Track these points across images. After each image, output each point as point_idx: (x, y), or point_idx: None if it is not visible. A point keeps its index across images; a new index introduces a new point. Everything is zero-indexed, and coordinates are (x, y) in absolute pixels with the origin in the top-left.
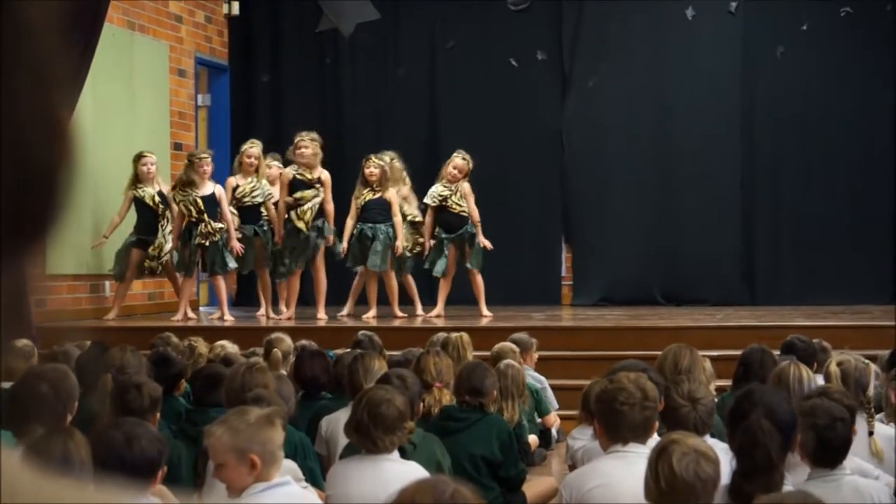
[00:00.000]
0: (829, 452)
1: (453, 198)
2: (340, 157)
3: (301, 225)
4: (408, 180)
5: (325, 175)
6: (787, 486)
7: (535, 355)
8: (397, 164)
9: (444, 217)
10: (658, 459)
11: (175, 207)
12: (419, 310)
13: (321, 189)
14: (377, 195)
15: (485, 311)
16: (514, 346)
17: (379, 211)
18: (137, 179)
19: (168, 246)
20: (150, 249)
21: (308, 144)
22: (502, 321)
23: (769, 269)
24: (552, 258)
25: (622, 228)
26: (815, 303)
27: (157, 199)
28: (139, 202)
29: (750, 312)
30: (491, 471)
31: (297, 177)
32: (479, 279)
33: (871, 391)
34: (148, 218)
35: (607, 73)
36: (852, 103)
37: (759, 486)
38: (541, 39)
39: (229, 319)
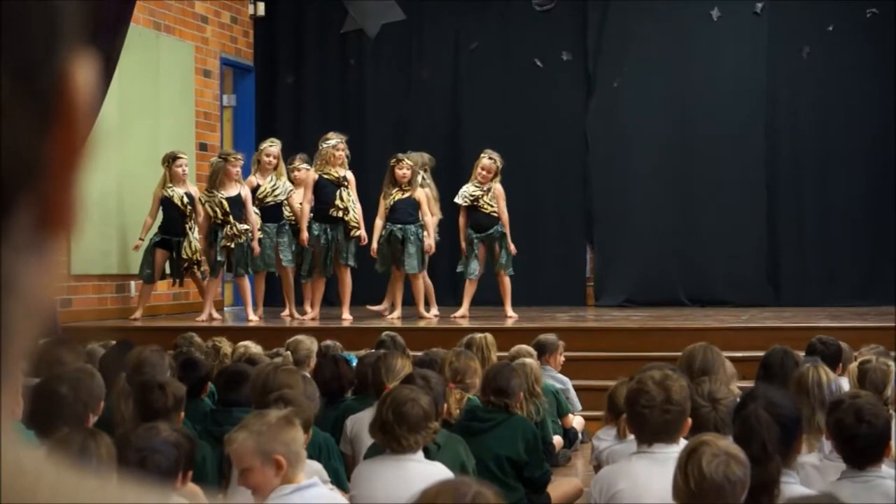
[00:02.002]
0: (855, 452)
1: (484, 198)
2: (363, 157)
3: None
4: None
5: (351, 175)
6: (792, 481)
7: (561, 357)
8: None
9: (476, 217)
10: (688, 460)
11: (201, 209)
12: (435, 310)
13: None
14: (406, 195)
15: (510, 311)
16: (531, 349)
17: (409, 211)
18: (169, 180)
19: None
20: (184, 252)
21: (344, 147)
22: (527, 322)
23: (794, 271)
24: (576, 259)
25: (646, 229)
26: (841, 304)
27: (185, 199)
28: (167, 202)
29: (775, 313)
30: (516, 472)
31: (325, 176)
32: (507, 280)
33: (889, 392)
34: (175, 218)
35: (631, 74)
36: (878, 104)
37: (755, 476)
38: (565, 40)
39: (253, 319)
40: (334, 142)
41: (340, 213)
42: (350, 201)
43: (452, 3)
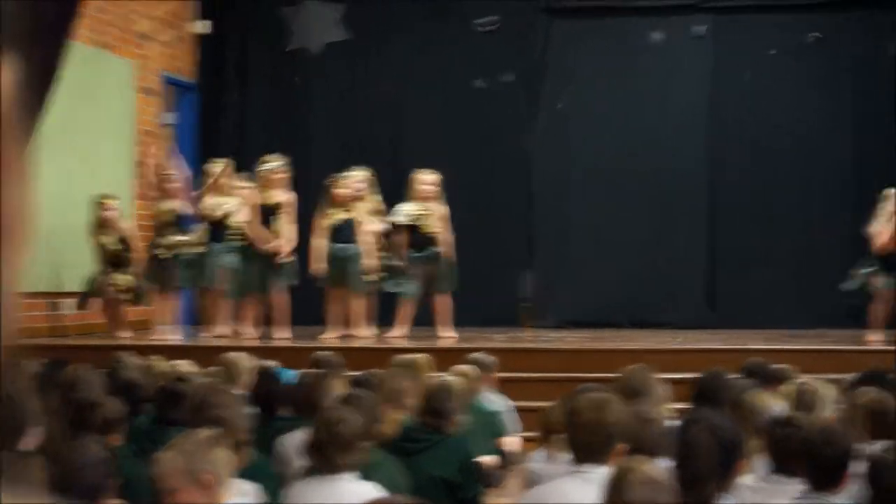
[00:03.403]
0: (818, 474)
1: (425, 218)
2: (308, 177)
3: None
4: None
5: (288, 197)
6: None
7: (497, 377)
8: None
9: (415, 237)
10: (614, 488)
11: (138, 245)
12: (372, 330)
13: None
14: (346, 215)
15: (448, 332)
16: (468, 369)
17: (350, 231)
18: (99, 224)
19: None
20: (119, 283)
21: (284, 170)
22: (465, 342)
23: (733, 293)
24: (516, 280)
25: (587, 251)
26: (778, 326)
27: (118, 245)
28: (102, 248)
29: (712, 335)
30: (449, 492)
31: (261, 203)
32: (447, 301)
33: (823, 414)
34: (112, 261)
35: (576, 96)
36: (818, 128)
37: (693, 497)
38: (509, 61)
39: (177, 338)
40: (271, 166)
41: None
42: (281, 228)
43: (397, 22)
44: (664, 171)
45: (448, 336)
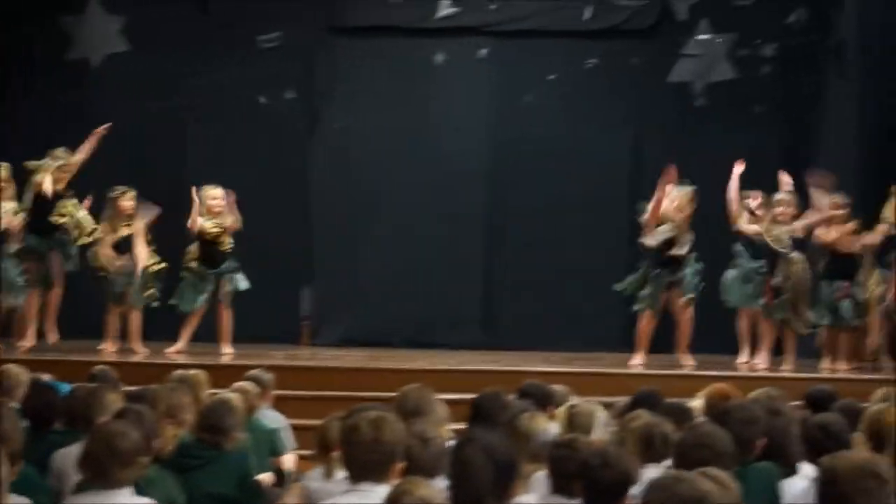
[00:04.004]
0: (598, 494)
1: (221, 233)
2: (85, 189)
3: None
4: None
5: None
6: None
7: (273, 393)
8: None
9: (210, 252)
10: None
11: None
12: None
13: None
14: (128, 230)
15: (227, 348)
16: (246, 386)
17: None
18: None
19: None
20: None
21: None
22: (243, 359)
23: (509, 315)
24: (295, 297)
25: (365, 270)
26: (554, 349)
27: None
28: None
29: (488, 356)
30: None
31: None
32: (228, 315)
33: (595, 436)
34: None
35: (356, 116)
36: (593, 153)
37: None
38: (292, 78)
39: None
40: (58, 162)
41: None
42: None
43: (179, 35)
44: (444, 192)
45: (226, 352)
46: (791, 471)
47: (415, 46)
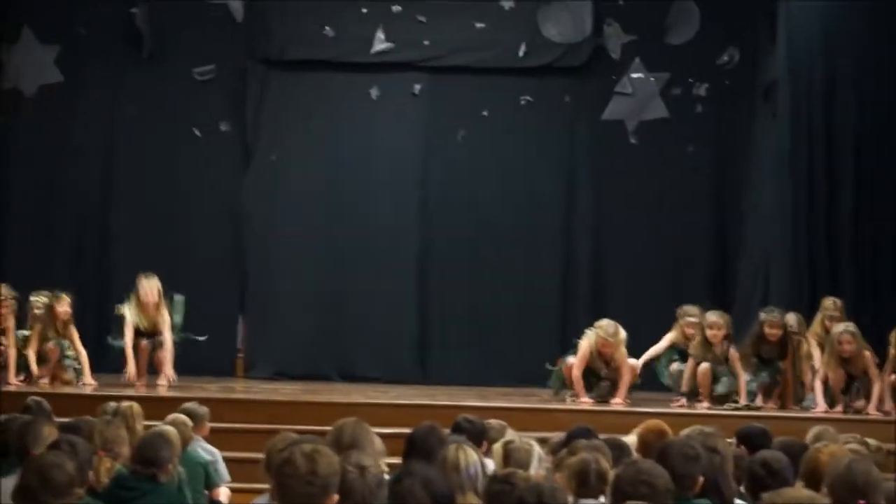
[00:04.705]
0: None
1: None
2: (9, 220)
3: None
4: None
5: None
6: None
7: (208, 426)
8: None
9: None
10: None
11: None
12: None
13: None
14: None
15: (163, 380)
16: (181, 418)
17: None
18: None
19: None
20: None
21: None
22: (177, 391)
23: (442, 350)
24: (229, 330)
25: (299, 303)
26: (488, 384)
27: None
28: None
29: (423, 391)
30: None
31: None
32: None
33: (531, 472)
34: None
35: (290, 148)
36: (525, 189)
37: None
38: (225, 110)
39: None
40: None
41: None
42: None
43: (114, 67)
44: (374, 226)
45: (160, 384)
46: None
47: (350, 81)
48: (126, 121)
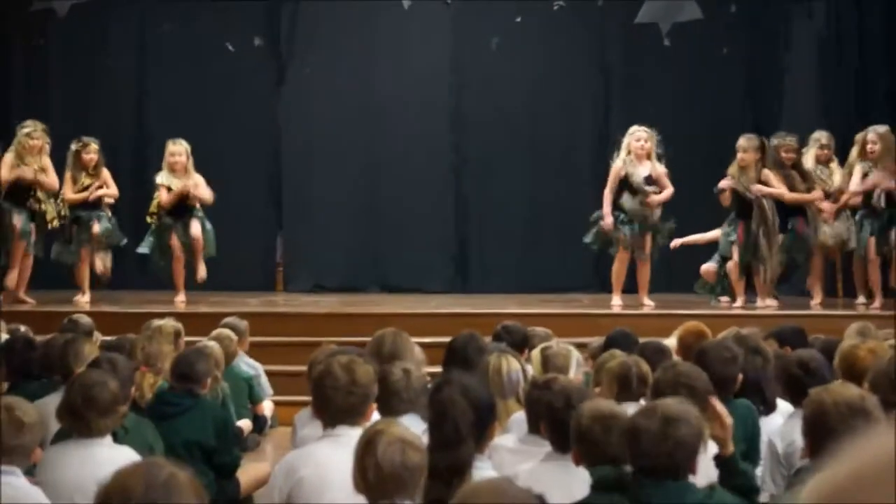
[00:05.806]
0: (561, 436)
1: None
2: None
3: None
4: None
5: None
6: (484, 466)
7: (248, 340)
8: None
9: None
10: (364, 452)
11: None
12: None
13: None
14: (90, 180)
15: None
16: (223, 333)
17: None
18: None
19: None
20: None
21: (40, 136)
22: (217, 307)
23: (482, 259)
24: (268, 244)
25: (337, 217)
26: (528, 291)
27: None
28: None
29: (463, 300)
30: (205, 457)
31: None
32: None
33: (571, 376)
34: None
35: (324, 61)
36: (565, 96)
37: (447, 459)
38: (257, 25)
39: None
40: (27, 130)
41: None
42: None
43: None
44: (409, 138)
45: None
46: (769, 408)
47: None
48: (159, 38)
